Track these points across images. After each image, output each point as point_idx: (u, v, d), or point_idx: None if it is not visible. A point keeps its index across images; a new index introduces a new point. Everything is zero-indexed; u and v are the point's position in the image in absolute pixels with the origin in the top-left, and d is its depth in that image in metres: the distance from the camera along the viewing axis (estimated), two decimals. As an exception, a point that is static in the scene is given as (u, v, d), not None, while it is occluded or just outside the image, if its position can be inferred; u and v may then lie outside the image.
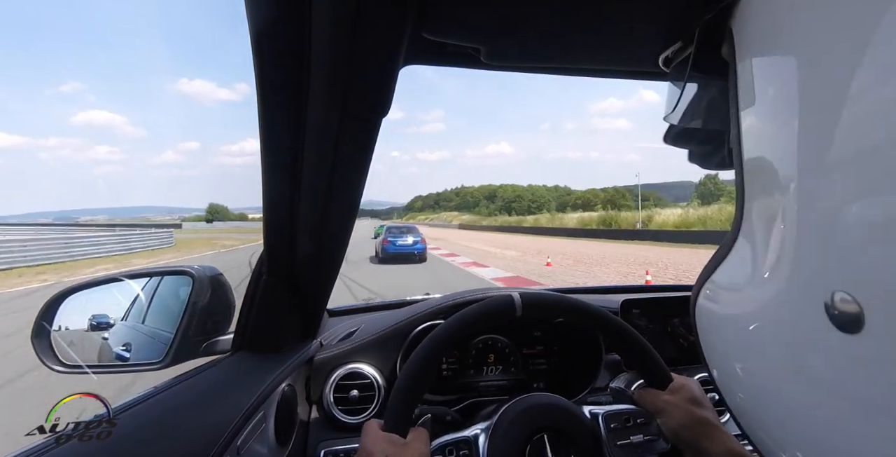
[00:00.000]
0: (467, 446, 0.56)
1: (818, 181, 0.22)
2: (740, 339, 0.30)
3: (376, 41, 0.45)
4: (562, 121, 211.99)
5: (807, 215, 0.23)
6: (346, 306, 1.24)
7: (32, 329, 0.67)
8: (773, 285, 0.26)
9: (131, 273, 0.78)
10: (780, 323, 0.26)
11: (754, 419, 0.29)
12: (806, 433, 0.24)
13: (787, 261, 0.24)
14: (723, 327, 0.32)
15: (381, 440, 0.50)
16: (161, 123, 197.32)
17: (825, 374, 0.22)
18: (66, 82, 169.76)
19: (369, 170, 0.61)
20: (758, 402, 0.28)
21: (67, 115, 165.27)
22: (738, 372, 0.30)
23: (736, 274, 0.30)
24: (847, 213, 0.21)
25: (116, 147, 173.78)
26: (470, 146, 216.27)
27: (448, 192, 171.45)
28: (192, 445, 0.48)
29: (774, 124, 0.25)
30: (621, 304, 0.99)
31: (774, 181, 0.25)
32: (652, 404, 0.57)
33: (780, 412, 0.26)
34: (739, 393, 0.31)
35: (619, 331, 0.59)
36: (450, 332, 0.56)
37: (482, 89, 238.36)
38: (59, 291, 0.71)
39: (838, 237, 0.21)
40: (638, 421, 0.59)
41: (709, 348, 0.34)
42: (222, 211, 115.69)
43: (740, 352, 0.30)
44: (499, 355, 0.98)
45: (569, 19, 0.47)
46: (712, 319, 0.33)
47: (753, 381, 0.29)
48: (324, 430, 0.83)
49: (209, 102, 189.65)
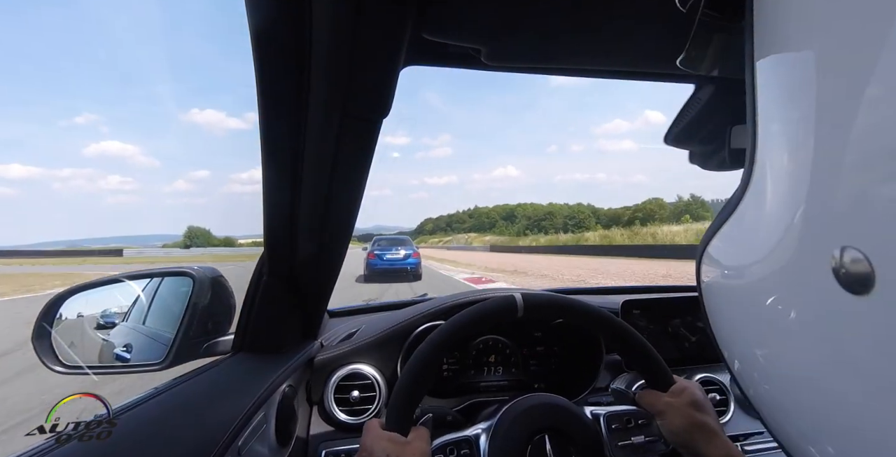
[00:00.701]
0: (468, 445, 0.56)
1: (836, 129, 0.20)
2: (746, 305, 0.28)
3: (376, 41, 0.45)
4: (568, 143, 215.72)
5: (821, 162, 0.21)
6: (346, 307, 1.24)
7: (33, 330, 0.67)
8: (780, 242, 0.24)
9: (132, 274, 0.78)
10: (787, 285, 0.24)
11: (770, 404, 0.27)
12: (833, 420, 0.22)
13: (796, 213, 0.23)
14: (728, 289, 0.31)
15: (382, 439, 0.50)
16: (173, 152, 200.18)
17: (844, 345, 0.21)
18: (80, 114, 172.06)
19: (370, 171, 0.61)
20: (773, 381, 0.26)
21: (81, 145, 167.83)
22: (745, 349, 0.29)
23: (742, 230, 0.29)
24: (862, 160, 0.19)
25: (129, 177, 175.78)
26: (477, 170, 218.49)
27: (461, 213, 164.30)
28: (193, 445, 0.48)
29: (793, 70, 0.23)
30: (622, 304, 0.99)
31: (790, 129, 0.24)
32: (653, 405, 0.57)
33: (798, 395, 0.24)
34: (757, 377, 0.28)
35: (620, 332, 0.59)
36: (451, 331, 0.56)
37: (487, 113, 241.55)
38: (59, 292, 0.71)
39: (850, 186, 0.20)
40: (639, 422, 0.59)
41: (714, 315, 0.32)
42: (203, 235, 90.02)
43: (749, 321, 0.28)
44: (500, 356, 0.98)
45: (569, 19, 0.47)
46: (716, 280, 0.32)
47: (768, 360, 0.27)
48: (325, 430, 0.83)
49: (219, 131, 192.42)
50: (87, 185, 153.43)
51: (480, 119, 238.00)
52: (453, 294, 1.04)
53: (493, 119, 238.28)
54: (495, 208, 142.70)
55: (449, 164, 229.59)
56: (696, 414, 0.53)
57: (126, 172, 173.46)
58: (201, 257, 34.61)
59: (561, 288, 1.27)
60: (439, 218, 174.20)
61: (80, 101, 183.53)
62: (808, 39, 0.22)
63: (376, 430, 0.51)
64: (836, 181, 0.20)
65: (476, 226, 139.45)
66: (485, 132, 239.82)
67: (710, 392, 0.94)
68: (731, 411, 0.94)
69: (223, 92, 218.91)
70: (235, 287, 0.80)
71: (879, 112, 0.18)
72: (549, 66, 0.59)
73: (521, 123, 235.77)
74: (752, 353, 0.28)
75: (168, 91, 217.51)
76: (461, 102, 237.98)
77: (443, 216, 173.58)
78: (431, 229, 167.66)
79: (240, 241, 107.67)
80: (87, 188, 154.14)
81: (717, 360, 0.34)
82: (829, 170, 0.21)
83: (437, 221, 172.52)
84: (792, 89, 0.24)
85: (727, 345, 0.31)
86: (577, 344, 0.98)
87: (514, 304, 0.57)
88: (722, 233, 0.31)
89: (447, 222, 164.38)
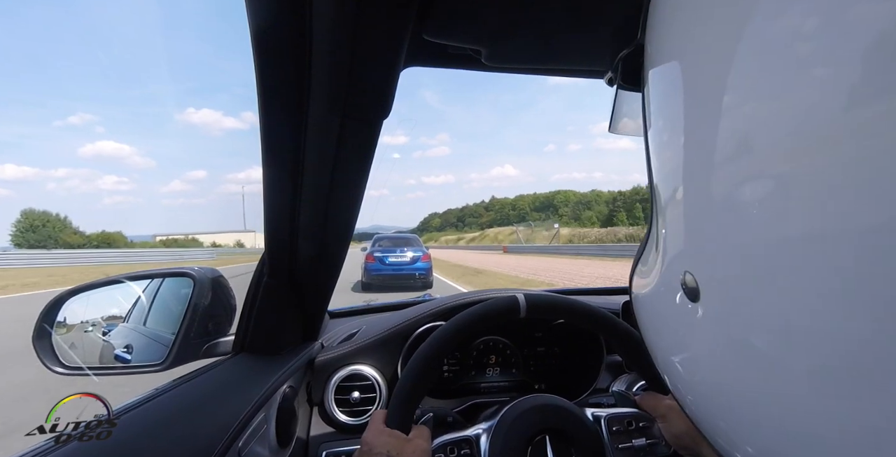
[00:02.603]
0: (469, 445, 0.56)
1: (687, 182, 0.27)
2: (654, 327, 0.34)
3: (377, 42, 0.45)
4: (566, 142, 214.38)
5: (676, 209, 0.28)
6: (347, 308, 1.24)
7: (34, 331, 0.68)
8: (657, 271, 0.32)
9: (132, 275, 0.78)
10: (660, 304, 0.31)
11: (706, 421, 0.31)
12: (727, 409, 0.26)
13: (664, 249, 0.30)
14: (645, 318, 0.37)
15: (383, 434, 0.50)
16: (169, 152, 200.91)
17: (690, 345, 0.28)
18: (74, 113, 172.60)
19: (370, 171, 0.61)
20: (676, 388, 0.32)
21: (76, 146, 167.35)
22: (665, 363, 0.34)
23: (645, 263, 0.36)
24: (695, 205, 0.26)
25: (125, 177, 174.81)
26: (475, 169, 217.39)
27: (474, 206, 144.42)
28: (194, 446, 0.48)
29: (667, 137, 0.29)
30: (622, 305, 0.99)
31: (666, 184, 0.30)
32: (655, 408, 0.57)
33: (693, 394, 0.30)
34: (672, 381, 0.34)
35: (623, 335, 0.59)
36: (453, 331, 0.56)
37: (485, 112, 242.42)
38: (60, 293, 0.71)
39: (690, 227, 0.27)
40: (640, 425, 0.59)
41: (648, 341, 0.38)
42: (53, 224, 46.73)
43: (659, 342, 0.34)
44: (500, 357, 0.98)
45: (570, 20, 0.47)
46: (639, 309, 0.38)
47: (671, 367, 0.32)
48: (325, 431, 0.83)
49: (216, 132, 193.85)
50: (82, 185, 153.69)
51: (478, 118, 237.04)
52: (454, 295, 1.04)
53: (491, 118, 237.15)
54: (520, 199, 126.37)
55: (446, 163, 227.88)
56: None
57: (122, 172, 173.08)
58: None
59: (561, 288, 1.27)
60: (447, 212, 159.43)
61: (75, 102, 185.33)
62: (678, 66, 0.27)
63: (379, 425, 0.52)
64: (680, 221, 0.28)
65: (497, 221, 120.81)
66: (482, 131, 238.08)
67: None
68: None
69: (219, 92, 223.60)
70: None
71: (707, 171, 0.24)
72: (550, 66, 0.59)
73: (518, 122, 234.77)
74: (672, 368, 0.32)
75: (163, 91, 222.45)
76: (459, 101, 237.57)
77: (451, 210, 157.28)
78: (440, 225, 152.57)
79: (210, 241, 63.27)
80: (82, 188, 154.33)
81: None
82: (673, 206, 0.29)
83: (445, 216, 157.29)
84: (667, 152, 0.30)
85: (658, 362, 0.36)
86: (577, 345, 0.98)
87: (517, 304, 0.57)
88: (639, 265, 0.37)
89: (458, 217, 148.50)
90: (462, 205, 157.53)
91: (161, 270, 0.81)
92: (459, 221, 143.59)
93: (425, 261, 8.93)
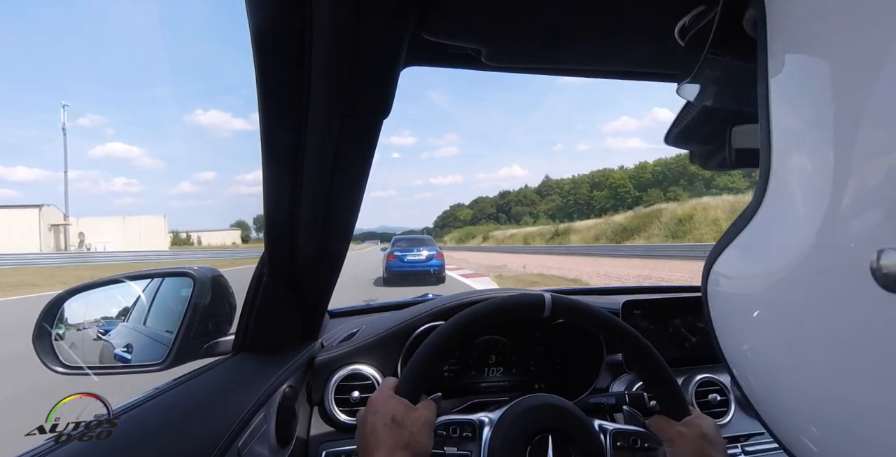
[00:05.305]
0: (472, 428, 0.56)
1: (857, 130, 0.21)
2: (764, 314, 0.28)
3: (377, 42, 0.45)
4: (574, 142, 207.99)
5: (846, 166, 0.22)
6: (347, 308, 1.24)
7: (34, 330, 0.68)
8: (810, 249, 0.24)
9: (132, 275, 0.78)
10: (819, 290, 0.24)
11: (780, 411, 0.27)
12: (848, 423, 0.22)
13: (827, 220, 0.23)
14: (741, 298, 0.30)
15: (392, 399, 0.51)
16: (178, 154, 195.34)
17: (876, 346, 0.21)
18: (84, 115, 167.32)
19: (371, 171, 0.61)
20: (783, 390, 0.27)
21: (86, 147, 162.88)
22: (752, 355, 0.29)
23: (762, 241, 0.28)
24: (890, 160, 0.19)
25: (135, 179, 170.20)
26: (482, 170, 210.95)
27: (519, 191, 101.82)
28: (194, 446, 0.48)
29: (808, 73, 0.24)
30: (622, 305, 0.99)
31: (809, 134, 0.24)
32: (664, 431, 0.57)
33: (811, 401, 0.24)
34: (762, 381, 0.29)
35: (646, 354, 0.58)
36: (481, 315, 0.57)
37: (493, 113, 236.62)
38: (60, 293, 0.71)
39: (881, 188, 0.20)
40: (645, 445, 0.59)
41: (722, 328, 0.32)
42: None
43: (760, 329, 0.28)
44: (500, 356, 0.98)
45: (571, 19, 0.47)
46: (727, 289, 0.32)
47: (775, 363, 0.27)
48: (325, 431, 0.83)
49: (224, 133, 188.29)
50: (92, 187, 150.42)
51: (486, 118, 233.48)
52: (454, 294, 1.04)
53: (499, 118, 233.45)
54: (578, 178, 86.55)
55: (454, 163, 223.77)
56: (707, 447, 0.53)
57: (131, 174, 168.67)
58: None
59: (561, 288, 1.26)
60: (479, 201, 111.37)
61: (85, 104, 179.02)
62: (824, 42, 0.23)
63: (388, 390, 0.52)
64: (865, 184, 0.21)
65: (564, 207, 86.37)
66: (490, 131, 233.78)
67: (711, 393, 0.94)
68: (732, 412, 0.94)
69: (227, 93, 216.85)
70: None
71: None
72: (550, 66, 0.59)
73: (526, 121, 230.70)
74: (762, 360, 0.28)
75: (172, 92, 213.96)
76: (467, 102, 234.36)
77: (485, 199, 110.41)
78: (470, 218, 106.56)
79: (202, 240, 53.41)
80: (92, 190, 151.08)
81: (717, 360, 0.33)
82: (856, 173, 0.21)
83: (480, 205, 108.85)
84: (808, 92, 0.24)
85: (732, 353, 0.31)
86: (577, 344, 0.98)
87: (543, 303, 0.57)
88: (737, 243, 0.30)
89: (498, 207, 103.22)
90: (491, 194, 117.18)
91: (161, 270, 0.81)
92: (502, 212, 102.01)
93: (439, 259, 10.57)
